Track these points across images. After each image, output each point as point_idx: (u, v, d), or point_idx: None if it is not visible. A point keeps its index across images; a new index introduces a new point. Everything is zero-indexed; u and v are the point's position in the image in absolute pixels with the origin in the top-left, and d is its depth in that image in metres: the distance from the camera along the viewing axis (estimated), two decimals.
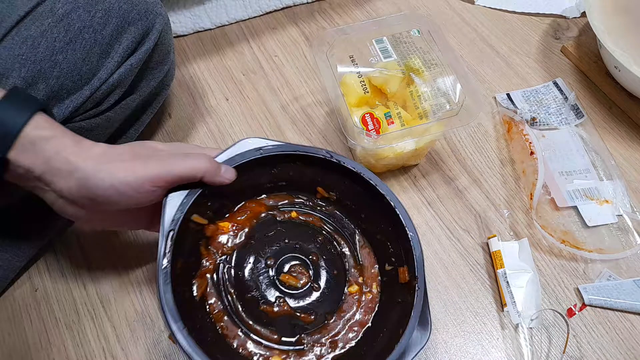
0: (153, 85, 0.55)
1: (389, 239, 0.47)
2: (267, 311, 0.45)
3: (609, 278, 0.53)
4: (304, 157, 0.46)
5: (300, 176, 0.48)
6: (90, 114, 0.48)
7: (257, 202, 0.49)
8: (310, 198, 0.50)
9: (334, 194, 0.50)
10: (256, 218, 0.48)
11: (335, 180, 0.48)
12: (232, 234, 0.47)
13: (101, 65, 0.47)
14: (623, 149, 0.63)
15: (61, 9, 0.44)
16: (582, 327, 0.51)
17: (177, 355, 0.49)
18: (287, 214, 0.49)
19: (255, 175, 0.47)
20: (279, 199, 0.50)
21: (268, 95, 0.67)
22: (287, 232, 0.48)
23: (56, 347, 0.49)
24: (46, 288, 0.52)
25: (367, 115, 0.52)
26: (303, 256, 0.48)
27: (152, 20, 0.50)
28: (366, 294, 0.47)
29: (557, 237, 0.55)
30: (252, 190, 0.48)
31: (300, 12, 0.77)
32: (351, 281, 0.47)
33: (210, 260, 0.45)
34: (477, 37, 0.75)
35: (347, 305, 0.46)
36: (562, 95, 0.67)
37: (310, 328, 0.44)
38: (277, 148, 0.45)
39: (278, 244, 0.48)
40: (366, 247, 0.49)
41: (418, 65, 0.54)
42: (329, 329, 0.44)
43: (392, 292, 0.45)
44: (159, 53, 0.53)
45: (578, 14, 0.77)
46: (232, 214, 0.47)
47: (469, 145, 0.64)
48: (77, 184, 0.38)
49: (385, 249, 0.47)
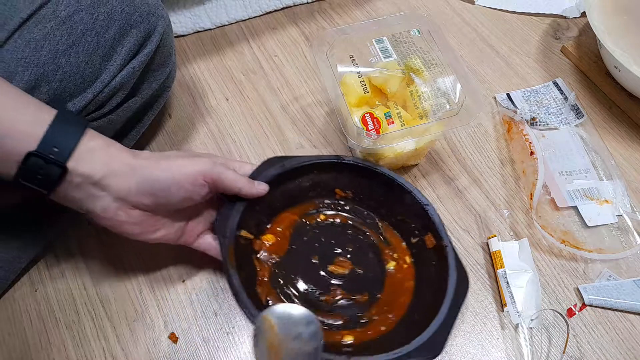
0: (155, 87, 0.55)
1: (408, 216, 0.53)
2: (326, 300, 0.50)
3: (609, 278, 0.53)
4: (319, 165, 0.53)
5: (319, 183, 0.55)
6: (92, 117, 0.48)
7: (289, 213, 0.54)
8: (332, 200, 0.56)
9: (350, 192, 0.55)
10: (291, 227, 0.54)
11: (348, 180, 0.55)
12: (276, 244, 0.52)
13: (104, 68, 0.47)
14: (623, 149, 0.63)
15: (64, 12, 0.44)
16: (582, 327, 0.51)
17: (177, 355, 0.49)
18: (316, 217, 0.55)
19: (281, 189, 0.52)
20: (305, 206, 0.55)
21: (268, 95, 0.68)
22: (321, 233, 0.54)
23: (56, 347, 0.49)
24: (46, 288, 0.52)
25: (367, 115, 0.52)
26: (340, 249, 0.53)
27: (154, 22, 0.50)
28: (402, 265, 0.52)
29: (557, 237, 0.55)
30: (282, 203, 0.54)
31: (300, 12, 0.77)
32: (387, 259, 0.53)
33: (264, 269, 0.50)
34: (477, 37, 0.75)
35: (390, 279, 0.52)
36: (562, 95, 0.67)
37: (367, 305, 0.50)
38: (295, 160, 0.52)
39: (317, 244, 0.53)
40: (389, 229, 0.55)
41: (418, 65, 0.54)
42: (383, 301, 0.50)
43: (425, 258, 0.51)
44: (160, 55, 0.53)
45: (578, 14, 0.77)
46: (270, 227, 0.53)
47: (469, 145, 0.64)
48: (137, 182, 0.41)
49: (407, 226, 0.53)
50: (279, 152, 0.62)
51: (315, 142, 0.63)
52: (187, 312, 0.51)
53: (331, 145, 0.63)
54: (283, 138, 0.64)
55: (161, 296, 0.52)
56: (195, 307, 0.52)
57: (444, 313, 0.44)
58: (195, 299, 0.52)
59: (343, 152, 0.62)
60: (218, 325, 0.51)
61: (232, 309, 0.52)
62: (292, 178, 0.53)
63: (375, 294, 0.51)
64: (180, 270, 0.53)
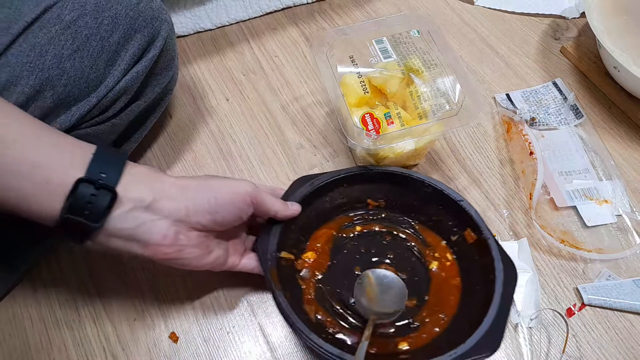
0: (158, 91, 0.55)
1: (444, 215, 0.53)
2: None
3: (608, 278, 0.53)
4: (347, 178, 0.54)
5: (350, 195, 0.55)
6: (96, 121, 0.48)
7: (325, 228, 0.54)
8: (365, 210, 0.56)
9: (382, 200, 0.55)
10: (330, 242, 0.54)
11: (378, 188, 0.55)
12: (317, 260, 0.52)
13: (108, 72, 0.47)
14: (622, 149, 0.63)
15: (68, 16, 0.44)
16: (582, 327, 0.51)
17: (178, 354, 0.49)
18: (352, 230, 0.55)
19: (314, 206, 0.53)
20: (340, 220, 0.55)
21: (268, 96, 0.68)
22: (360, 244, 0.54)
23: (57, 347, 0.49)
24: (47, 288, 0.52)
25: (367, 115, 0.52)
26: (381, 257, 0.53)
27: (158, 27, 0.50)
28: (445, 264, 0.52)
29: (556, 237, 0.55)
30: (317, 220, 0.54)
31: (300, 13, 0.77)
32: (429, 260, 0.53)
33: (309, 286, 0.50)
34: (476, 37, 0.75)
35: (435, 279, 0.51)
36: (561, 95, 0.68)
37: (416, 309, 0.50)
38: (324, 177, 0.53)
39: (357, 256, 0.53)
40: (426, 230, 0.55)
41: (418, 65, 0.54)
42: (432, 303, 0.50)
43: (467, 255, 0.51)
44: (164, 59, 0.53)
45: (577, 14, 0.77)
46: (309, 244, 0.53)
47: (468, 146, 0.64)
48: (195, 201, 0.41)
49: (444, 225, 0.53)
50: (279, 152, 0.63)
51: (315, 142, 0.63)
52: (188, 311, 0.51)
53: (331, 146, 0.63)
54: (283, 138, 0.64)
55: (162, 296, 0.52)
56: (195, 306, 0.52)
57: (496, 306, 0.44)
58: (195, 299, 0.52)
59: (343, 152, 0.63)
60: (218, 324, 0.51)
61: (233, 308, 0.52)
62: (323, 194, 0.53)
63: (423, 296, 0.50)
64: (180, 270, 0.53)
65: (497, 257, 0.47)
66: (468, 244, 0.51)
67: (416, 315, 0.49)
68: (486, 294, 0.46)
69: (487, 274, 0.47)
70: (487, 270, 0.47)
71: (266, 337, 0.50)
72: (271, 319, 0.51)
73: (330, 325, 0.48)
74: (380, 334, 0.48)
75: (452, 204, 0.52)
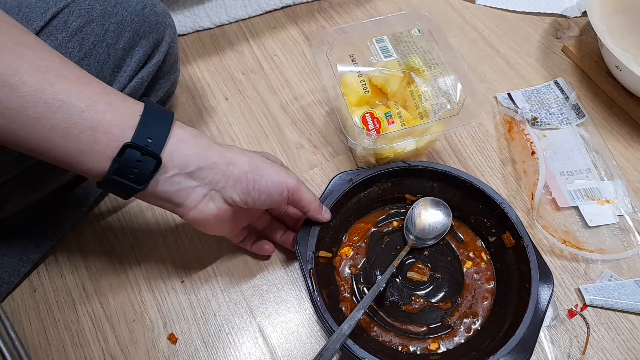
0: (161, 95, 0.55)
1: (483, 215, 0.53)
2: (408, 310, 0.50)
3: (610, 278, 0.53)
4: (387, 173, 0.53)
5: (387, 190, 0.55)
6: None
7: (363, 222, 0.55)
8: (401, 206, 0.56)
9: (421, 195, 0.55)
10: (366, 237, 0.54)
11: (417, 183, 0.55)
12: (354, 256, 0.53)
13: (114, 79, 0.47)
14: (624, 149, 0.63)
15: (75, 23, 0.44)
16: (583, 328, 0.51)
17: (177, 355, 0.49)
18: (389, 225, 0.55)
19: (353, 202, 0.53)
20: (377, 214, 0.56)
21: (268, 95, 0.67)
22: (396, 240, 0.54)
23: (55, 347, 0.49)
24: (45, 289, 0.52)
25: (367, 114, 0.52)
26: (417, 254, 0.53)
27: (162, 32, 0.50)
28: (479, 265, 0.52)
29: (558, 237, 0.54)
30: (355, 214, 0.55)
31: (300, 12, 0.76)
32: (464, 260, 0.53)
33: (346, 283, 0.51)
34: (477, 36, 0.74)
35: (469, 280, 0.52)
36: (563, 94, 0.67)
37: (449, 310, 0.50)
38: (363, 173, 0.53)
39: (393, 252, 0.53)
40: (464, 228, 0.55)
41: (418, 64, 0.54)
42: (464, 305, 0.50)
43: (504, 258, 0.51)
44: (167, 63, 0.54)
45: (579, 13, 0.76)
46: (346, 240, 0.54)
47: (469, 145, 0.64)
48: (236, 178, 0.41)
49: (482, 226, 0.53)
50: (279, 152, 0.62)
51: (315, 141, 0.63)
52: (187, 312, 0.51)
53: (331, 145, 0.63)
54: (283, 138, 0.63)
55: (160, 297, 0.52)
56: (194, 307, 0.51)
57: (529, 318, 0.44)
58: (194, 300, 0.52)
59: (343, 151, 0.62)
60: (217, 326, 0.50)
61: (232, 309, 0.51)
62: (362, 190, 0.54)
63: (457, 297, 0.50)
64: (179, 271, 0.53)
65: (534, 266, 0.47)
66: (506, 248, 0.50)
67: (450, 316, 0.49)
68: (519, 303, 0.46)
69: (523, 282, 0.47)
70: (523, 278, 0.47)
71: (266, 339, 0.50)
72: (271, 320, 0.51)
73: (363, 322, 0.48)
74: (413, 332, 0.48)
75: (492, 204, 0.51)
